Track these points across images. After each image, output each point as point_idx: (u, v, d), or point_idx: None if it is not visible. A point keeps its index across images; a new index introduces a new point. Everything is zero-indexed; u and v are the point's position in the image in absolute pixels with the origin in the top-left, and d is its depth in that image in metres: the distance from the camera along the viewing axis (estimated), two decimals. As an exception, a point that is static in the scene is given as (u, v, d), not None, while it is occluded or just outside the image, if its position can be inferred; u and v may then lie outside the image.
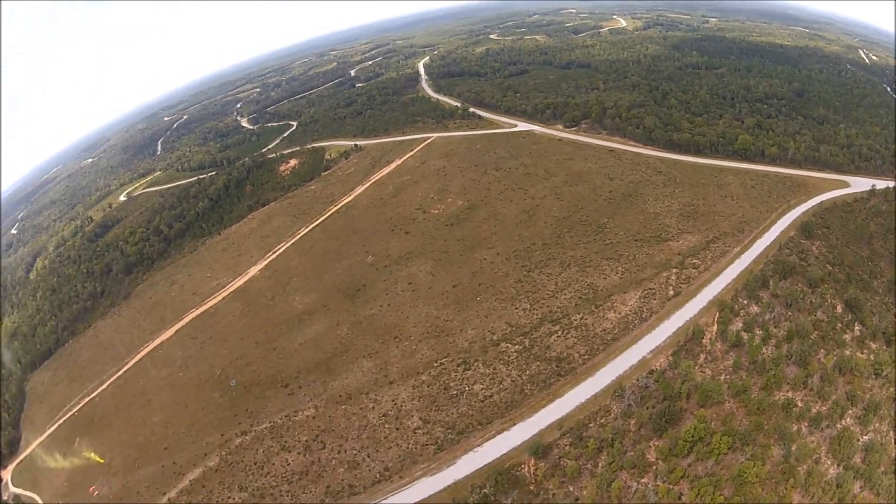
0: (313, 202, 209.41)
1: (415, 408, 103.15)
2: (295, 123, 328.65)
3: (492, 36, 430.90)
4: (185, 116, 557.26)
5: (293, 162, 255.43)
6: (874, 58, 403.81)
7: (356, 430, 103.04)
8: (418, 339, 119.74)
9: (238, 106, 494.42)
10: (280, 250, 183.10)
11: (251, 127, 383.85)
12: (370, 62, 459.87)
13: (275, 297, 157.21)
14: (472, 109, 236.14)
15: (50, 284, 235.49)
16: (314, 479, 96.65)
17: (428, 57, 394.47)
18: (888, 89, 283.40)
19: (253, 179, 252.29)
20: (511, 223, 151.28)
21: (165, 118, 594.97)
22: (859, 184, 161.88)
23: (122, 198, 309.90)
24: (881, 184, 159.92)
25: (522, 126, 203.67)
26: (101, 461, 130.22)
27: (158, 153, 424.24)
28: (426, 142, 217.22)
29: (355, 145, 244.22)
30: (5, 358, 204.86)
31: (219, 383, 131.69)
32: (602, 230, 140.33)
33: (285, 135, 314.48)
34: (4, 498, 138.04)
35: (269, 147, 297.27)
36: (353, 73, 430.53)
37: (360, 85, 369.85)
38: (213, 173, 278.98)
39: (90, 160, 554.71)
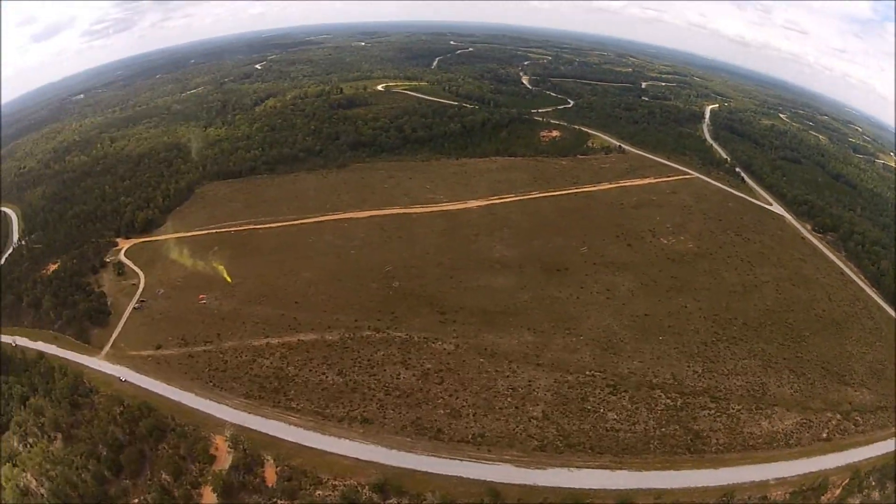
0: (558, 176, 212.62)
1: (544, 399, 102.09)
2: (572, 102, 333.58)
3: (781, 115, 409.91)
4: (470, 49, 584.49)
5: (555, 133, 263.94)
6: None
7: (479, 385, 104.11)
8: (586, 342, 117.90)
9: (525, 63, 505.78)
10: (506, 199, 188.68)
11: (529, 86, 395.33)
12: (664, 84, 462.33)
13: (479, 235, 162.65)
14: (737, 170, 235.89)
15: (271, 122, 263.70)
16: (412, 404, 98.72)
17: (718, 105, 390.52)
18: None
19: (511, 129, 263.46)
20: (725, 290, 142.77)
21: (451, 42, 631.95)
22: None
23: (380, 88, 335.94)
24: None
25: (776, 208, 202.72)
26: (229, 280, 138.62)
27: (433, 67, 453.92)
28: (686, 176, 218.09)
29: (620, 146, 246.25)
30: (193, 152, 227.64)
31: (382, 277, 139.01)
32: (799, 342, 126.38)
33: (559, 107, 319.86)
34: (107, 260, 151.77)
35: (539, 110, 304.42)
36: (643, 85, 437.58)
37: (646, 99, 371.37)
38: (476, 107, 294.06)
39: (363, 43, 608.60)
